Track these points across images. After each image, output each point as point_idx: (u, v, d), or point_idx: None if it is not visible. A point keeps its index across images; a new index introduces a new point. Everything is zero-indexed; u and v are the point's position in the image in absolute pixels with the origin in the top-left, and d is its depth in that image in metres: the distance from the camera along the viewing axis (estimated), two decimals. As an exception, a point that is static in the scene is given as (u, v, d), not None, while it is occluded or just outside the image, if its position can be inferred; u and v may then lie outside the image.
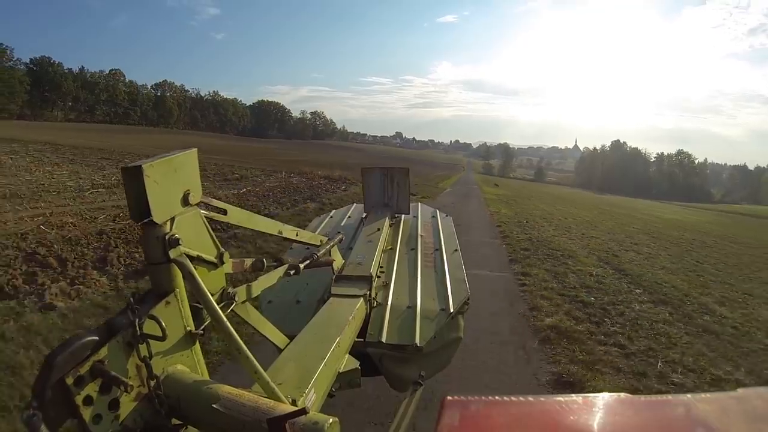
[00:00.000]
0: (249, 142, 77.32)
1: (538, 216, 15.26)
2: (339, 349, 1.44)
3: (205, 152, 28.03)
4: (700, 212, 43.51)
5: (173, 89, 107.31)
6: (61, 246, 5.86)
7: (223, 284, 1.19)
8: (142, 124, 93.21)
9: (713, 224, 27.80)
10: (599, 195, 59.84)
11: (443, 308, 2.09)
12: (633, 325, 4.95)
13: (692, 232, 18.03)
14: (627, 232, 14.31)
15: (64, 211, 8.31)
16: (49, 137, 28.62)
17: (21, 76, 76.79)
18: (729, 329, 5.20)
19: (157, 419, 0.89)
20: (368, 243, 2.55)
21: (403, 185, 3.48)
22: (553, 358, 4.04)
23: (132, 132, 62.43)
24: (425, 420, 2.35)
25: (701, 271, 9.00)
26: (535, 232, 11.06)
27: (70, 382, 0.75)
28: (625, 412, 0.71)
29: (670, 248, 11.78)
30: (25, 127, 43.55)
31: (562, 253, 8.54)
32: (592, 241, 10.71)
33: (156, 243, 0.94)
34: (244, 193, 12.81)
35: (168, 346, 0.94)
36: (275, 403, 0.87)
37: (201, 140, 59.77)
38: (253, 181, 15.99)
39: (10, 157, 15.79)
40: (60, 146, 23.00)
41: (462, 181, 41.17)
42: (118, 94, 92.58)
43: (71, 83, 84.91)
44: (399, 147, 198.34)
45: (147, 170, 0.88)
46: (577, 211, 21.02)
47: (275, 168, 21.69)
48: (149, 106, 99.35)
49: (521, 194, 29.69)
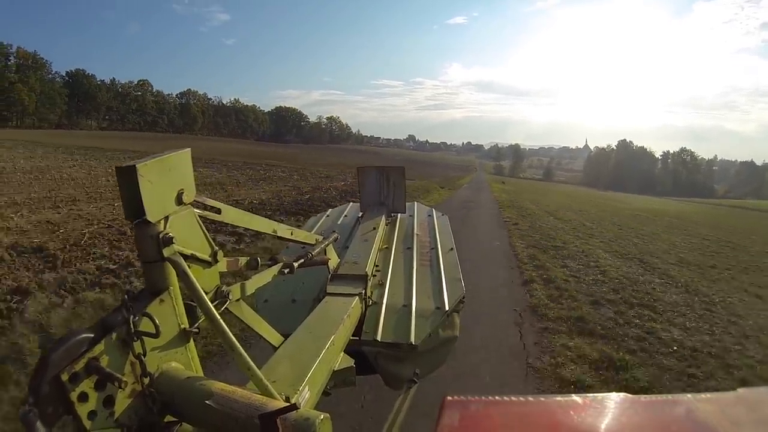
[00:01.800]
0: (269, 146, 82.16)
1: (528, 201, 22.10)
2: (334, 348, 1.47)
3: (241, 156, 34.70)
4: (691, 205, 48.86)
5: (197, 97, 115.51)
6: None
7: (218, 282, 1.22)
8: (169, 131, 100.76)
9: (691, 212, 33.52)
10: (601, 192, 65.40)
11: (438, 307, 2.11)
12: (555, 248, 11.18)
13: (653, 215, 24.05)
14: (593, 212, 20.52)
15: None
16: (102, 144, 35.74)
17: (59, 88, 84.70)
18: (574, 234, 11.44)
19: (152, 416, 0.91)
20: (364, 242, 2.60)
21: (399, 184, 3.52)
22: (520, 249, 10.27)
23: (162, 139, 66.76)
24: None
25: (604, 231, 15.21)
26: (522, 207, 17.70)
27: (66, 379, 0.76)
28: (625, 412, 0.72)
29: (615, 220, 17.99)
30: (70, 136, 49.74)
31: (533, 217, 14.92)
32: (559, 214, 16.94)
33: (150, 242, 0.96)
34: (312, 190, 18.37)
35: (162, 344, 0.96)
36: (267, 400, 0.90)
37: (227, 146, 65.27)
38: (287, 182, 19.96)
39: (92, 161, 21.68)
40: (119, 151, 30.07)
41: (475, 180, 48.85)
42: (146, 103, 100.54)
43: (105, 94, 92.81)
44: (412, 150, 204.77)
45: (141, 170, 0.90)
46: (562, 200, 27.40)
47: (305, 169, 27.65)
48: (175, 114, 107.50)
49: (520, 188, 36.64)
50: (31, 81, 76.56)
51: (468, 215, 14.30)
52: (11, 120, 76.41)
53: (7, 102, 74.18)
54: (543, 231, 11.93)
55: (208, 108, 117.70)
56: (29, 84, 75.92)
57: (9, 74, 74.59)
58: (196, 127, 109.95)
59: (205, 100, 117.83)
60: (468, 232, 11.22)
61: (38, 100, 77.82)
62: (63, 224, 7.96)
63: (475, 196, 23.81)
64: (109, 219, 8.58)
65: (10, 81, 73.85)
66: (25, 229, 7.47)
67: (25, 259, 5.83)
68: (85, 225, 8.02)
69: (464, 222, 12.77)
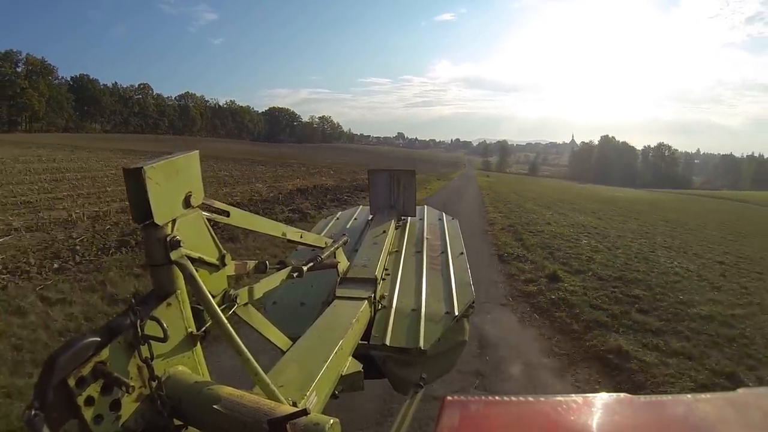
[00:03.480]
0: (265, 147, 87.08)
1: (502, 186, 29.60)
2: (342, 352, 1.48)
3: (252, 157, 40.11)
4: (654, 194, 54.99)
5: (195, 99, 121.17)
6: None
7: (225, 286, 1.23)
8: (170, 133, 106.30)
9: (641, 198, 40.28)
10: (579, 184, 72.01)
11: (448, 311, 2.12)
12: (504, 201, 18.04)
13: (597, 196, 31.00)
14: (549, 194, 27.48)
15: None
16: (118, 146, 41.25)
17: (65, 92, 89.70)
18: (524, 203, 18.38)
19: (159, 420, 0.91)
20: (374, 245, 2.63)
21: (409, 187, 3.55)
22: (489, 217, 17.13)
23: (165, 141, 70.93)
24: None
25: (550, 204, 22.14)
26: (495, 190, 25.00)
27: (72, 383, 0.77)
28: (625, 412, 0.73)
29: (558, 196, 24.94)
30: (81, 139, 54.22)
31: (506, 197, 21.76)
32: (527, 196, 23.79)
33: (157, 245, 0.97)
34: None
35: (169, 348, 0.97)
36: (276, 404, 0.90)
37: (238, 146, 70.48)
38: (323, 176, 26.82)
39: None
40: (134, 151, 36.23)
41: (464, 174, 56.41)
42: (147, 106, 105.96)
43: (109, 98, 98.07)
44: (402, 147, 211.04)
45: (148, 172, 0.91)
46: (533, 187, 34.62)
47: (329, 167, 34.27)
48: (175, 116, 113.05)
49: (501, 180, 44.47)
50: (40, 87, 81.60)
51: (459, 191, 22.85)
52: (20, 124, 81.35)
53: (18, 107, 79.16)
54: (501, 197, 19.70)
55: (206, 110, 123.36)
56: (39, 89, 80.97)
57: (19, 80, 79.44)
58: (195, 129, 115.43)
59: (202, 102, 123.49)
60: (460, 197, 19.31)
61: (47, 105, 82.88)
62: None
63: (464, 183, 32.18)
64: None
65: (21, 87, 78.84)
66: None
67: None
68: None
69: (458, 193, 21.25)
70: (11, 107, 79.07)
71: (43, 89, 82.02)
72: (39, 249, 6.98)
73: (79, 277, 5.72)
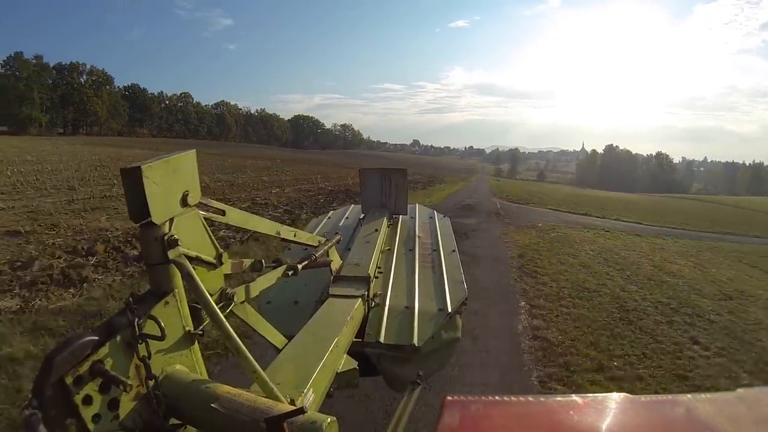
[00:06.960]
0: (295, 152, 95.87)
1: (506, 188, 42.08)
2: (337, 350, 1.51)
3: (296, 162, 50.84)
4: (640, 197, 63.40)
5: (229, 108, 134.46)
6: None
7: (222, 285, 1.25)
8: (208, 138, 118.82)
9: (626, 198, 51.22)
10: (579, 189, 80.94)
11: (441, 308, 2.18)
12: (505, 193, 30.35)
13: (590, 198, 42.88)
14: (546, 195, 39.79)
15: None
16: (163, 149, 51.74)
17: (121, 100, 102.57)
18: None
19: (156, 419, 0.92)
20: (366, 244, 2.67)
21: (401, 186, 3.60)
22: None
23: (207, 146, 76.50)
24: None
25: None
26: (502, 189, 37.49)
27: (70, 382, 0.78)
28: (625, 412, 0.74)
29: (554, 196, 37.18)
30: (136, 143, 62.91)
31: (508, 193, 34.11)
32: (526, 195, 36.04)
33: (155, 243, 0.98)
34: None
35: (167, 346, 0.98)
36: (273, 403, 0.92)
37: (274, 152, 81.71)
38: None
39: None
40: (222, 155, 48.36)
41: (479, 178, 68.88)
42: (189, 113, 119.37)
43: (157, 105, 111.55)
44: (419, 154, 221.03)
45: (146, 171, 0.92)
46: (533, 189, 46.91)
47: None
48: (213, 123, 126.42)
49: (509, 183, 57.46)
50: (103, 95, 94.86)
51: (478, 187, 36.24)
52: (81, 128, 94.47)
53: (84, 113, 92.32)
54: (503, 189, 32.71)
55: (239, 117, 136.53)
56: (102, 97, 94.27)
57: (85, 89, 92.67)
58: (230, 135, 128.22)
59: (236, 110, 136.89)
60: (478, 188, 32.68)
61: (107, 112, 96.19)
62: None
63: (480, 184, 45.32)
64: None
65: (87, 95, 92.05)
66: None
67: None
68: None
69: (477, 187, 34.78)
70: (77, 112, 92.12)
71: (105, 97, 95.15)
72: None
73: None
